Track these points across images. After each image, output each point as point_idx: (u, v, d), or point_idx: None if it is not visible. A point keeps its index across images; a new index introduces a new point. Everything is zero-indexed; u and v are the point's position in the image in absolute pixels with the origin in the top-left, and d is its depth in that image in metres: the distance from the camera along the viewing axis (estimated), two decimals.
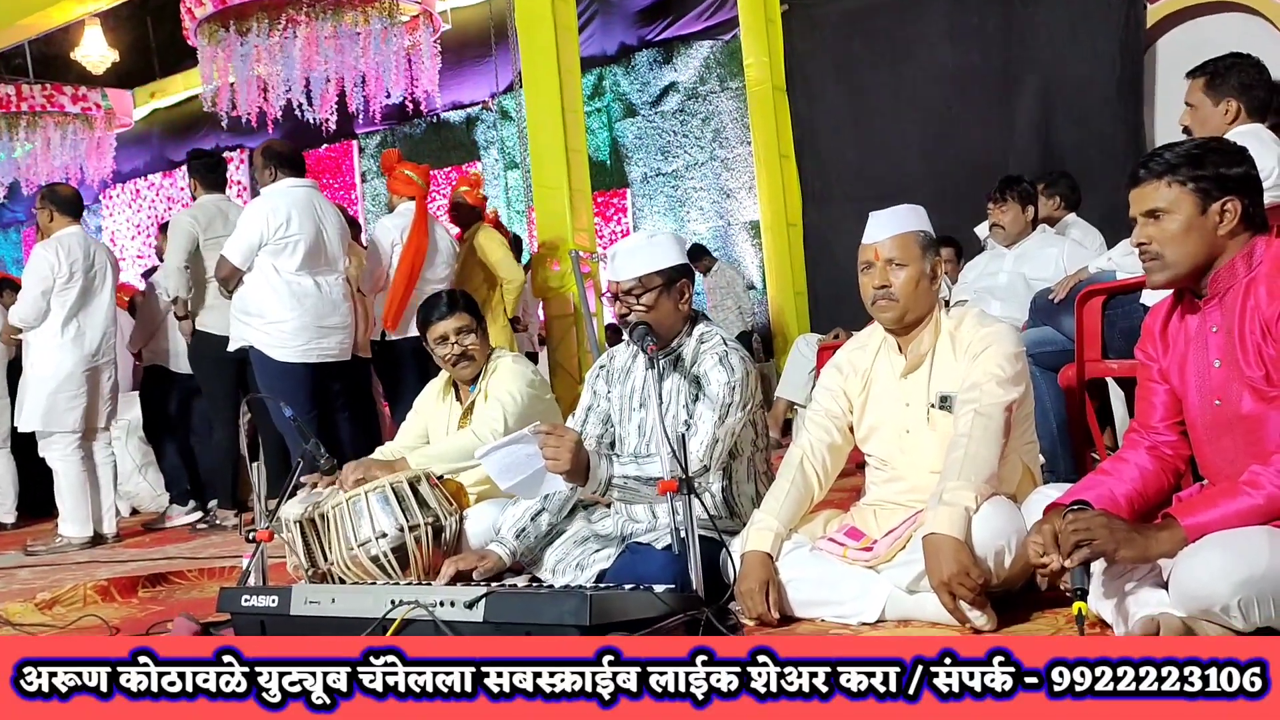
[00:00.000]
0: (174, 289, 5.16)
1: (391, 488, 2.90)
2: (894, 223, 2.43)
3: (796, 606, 2.33)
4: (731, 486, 2.71)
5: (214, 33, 7.69)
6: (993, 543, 2.12)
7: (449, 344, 3.21)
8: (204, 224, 5.13)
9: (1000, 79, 7.13)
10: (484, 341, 3.26)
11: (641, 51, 10.19)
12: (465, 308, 3.24)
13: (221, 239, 4.98)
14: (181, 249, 5.08)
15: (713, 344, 2.64)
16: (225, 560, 3.92)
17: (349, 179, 11.96)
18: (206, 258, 5.06)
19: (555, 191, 6.46)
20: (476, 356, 3.22)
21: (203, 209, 5.21)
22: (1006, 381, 2.28)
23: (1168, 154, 1.92)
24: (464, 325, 3.20)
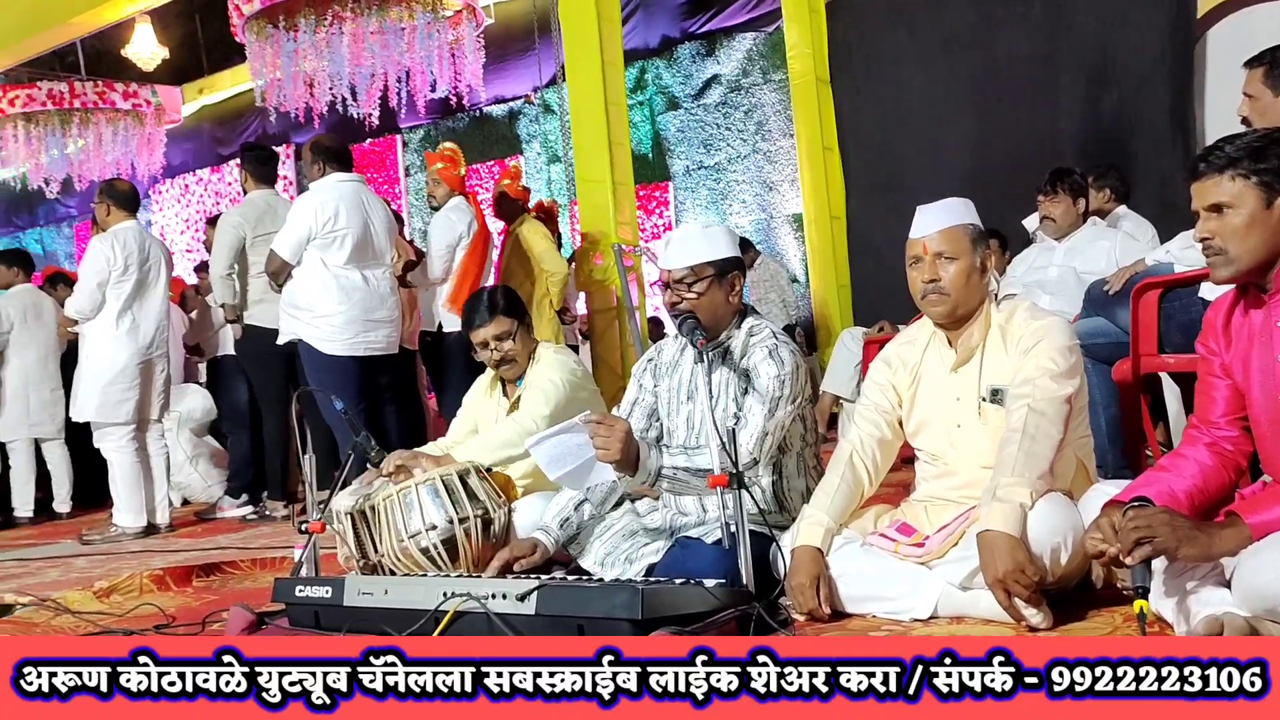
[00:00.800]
0: (220, 296, 5.24)
1: (441, 480, 2.92)
2: (943, 216, 2.40)
3: (848, 602, 2.32)
4: (781, 481, 2.70)
5: (261, 29, 7.76)
6: (1049, 540, 2.09)
7: (489, 349, 3.22)
8: (253, 221, 5.20)
9: (1047, 69, 7.02)
10: (525, 340, 3.24)
11: (684, 44, 10.16)
12: (505, 310, 3.21)
13: (271, 235, 5.04)
14: (226, 255, 5.15)
15: (762, 337, 2.63)
16: (276, 551, 3.97)
17: (393, 173, 12.04)
18: (255, 254, 5.13)
19: (598, 185, 6.46)
20: (517, 359, 3.22)
21: (252, 206, 5.29)
22: (1060, 375, 2.25)
23: (1229, 147, 1.89)
24: (503, 331, 3.19)
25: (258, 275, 5.13)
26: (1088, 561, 2.15)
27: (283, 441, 5.31)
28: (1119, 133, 6.65)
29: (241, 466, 5.73)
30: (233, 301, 5.20)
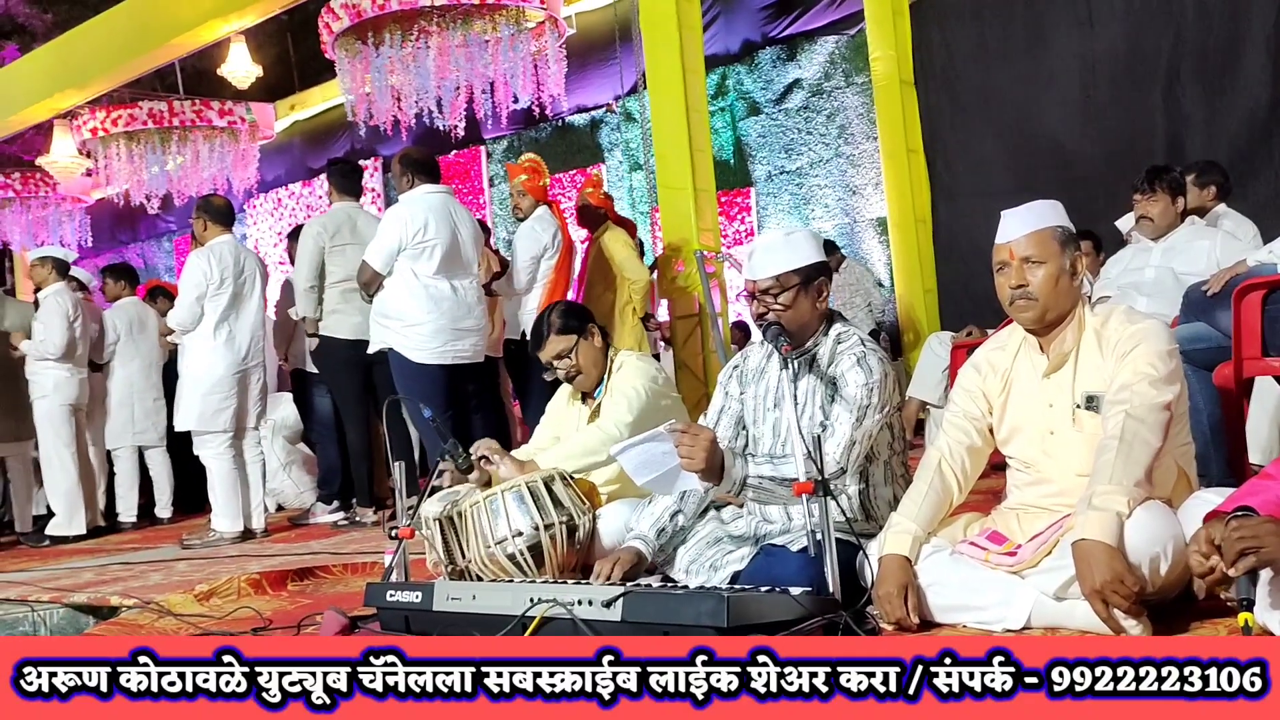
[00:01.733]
0: (303, 309, 5.37)
1: (527, 487, 2.95)
2: (1029, 219, 2.35)
3: (937, 611, 2.28)
4: (868, 490, 2.67)
5: (351, 45, 7.96)
6: (1147, 549, 2.03)
7: (553, 369, 3.26)
8: (331, 231, 5.32)
9: (1143, 63, 6.83)
10: (589, 352, 3.25)
11: (765, 49, 10.11)
12: (560, 330, 3.23)
13: (348, 246, 5.19)
14: (310, 268, 5.27)
15: (850, 344, 2.61)
16: (366, 556, 4.05)
17: (477, 184, 12.22)
18: (331, 264, 5.26)
19: (680, 192, 6.47)
20: (583, 370, 3.25)
21: (331, 217, 5.42)
22: (1160, 381, 2.19)
23: None
24: (561, 350, 3.22)
25: (331, 285, 5.26)
26: (1189, 572, 2.08)
27: (366, 449, 5.42)
28: (1217, 128, 6.43)
29: (330, 473, 5.86)
30: (314, 315, 5.33)
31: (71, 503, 5.94)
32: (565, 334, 3.24)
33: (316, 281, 5.30)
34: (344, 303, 5.22)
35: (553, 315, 3.30)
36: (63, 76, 9.78)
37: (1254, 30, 6.34)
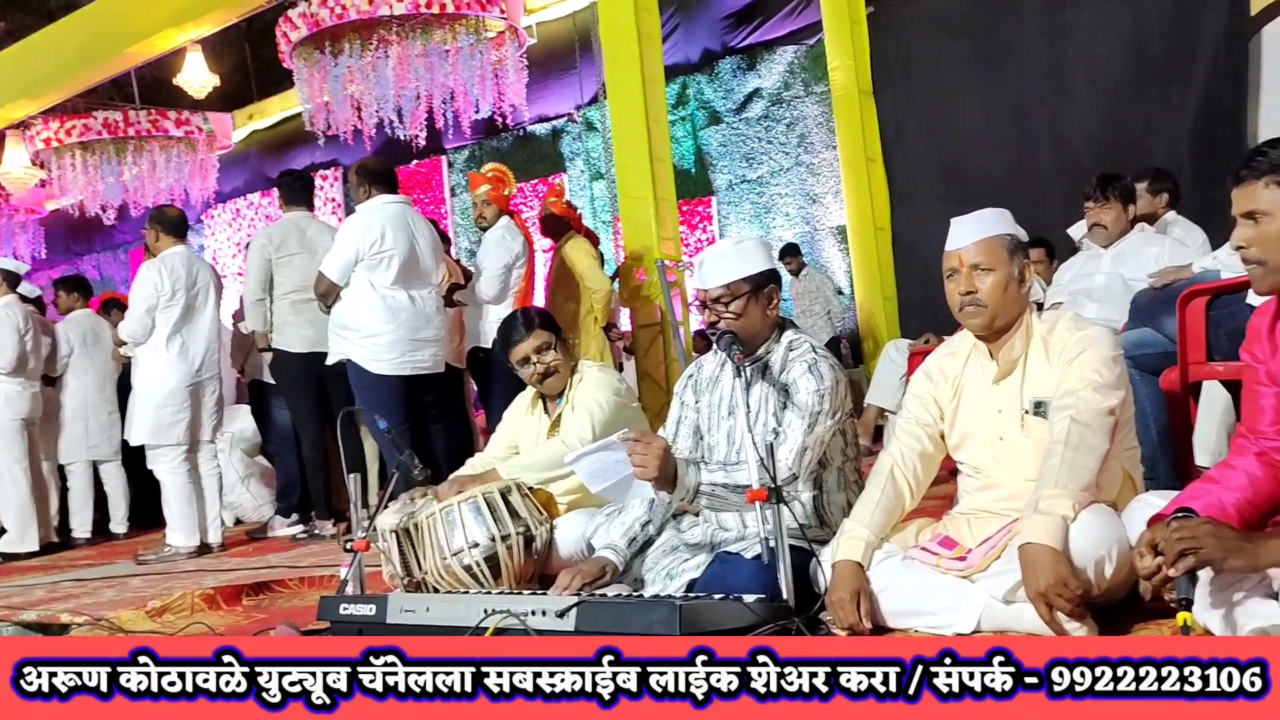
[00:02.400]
0: (251, 323, 5.33)
1: (483, 498, 2.95)
2: (978, 227, 2.38)
3: (889, 617, 2.29)
4: (822, 496, 2.68)
5: (309, 55, 7.94)
6: (1093, 552, 2.06)
7: (531, 364, 3.24)
8: (276, 243, 5.30)
9: (1094, 74, 6.95)
10: (566, 353, 3.28)
11: (725, 58, 10.18)
12: (542, 325, 3.25)
13: (295, 256, 5.16)
14: (257, 281, 5.25)
15: (801, 351, 2.63)
16: (324, 569, 4.02)
17: (439, 193, 12.19)
18: (278, 276, 5.23)
19: (641, 201, 6.49)
20: (560, 369, 3.25)
21: (278, 228, 5.40)
22: (1104, 386, 2.22)
23: (1272, 152, 1.86)
24: (542, 343, 3.22)
25: (280, 297, 5.23)
26: (1134, 574, 2.11)
27: (322, 461, 5.38)
28: (1169, 136, 6.55)
29: (288, 486, 5.81)
30: (263, 329, 5.29)
31: (24, 519, 5.85)
32: (546, 329, 3.26)
33: (265, 294, 5.26)
34: (294, 315, 5.19)
35: (531, 312, 3.34)
36: (15, 86, 9.65)
37: (1204, 41, 6.47)
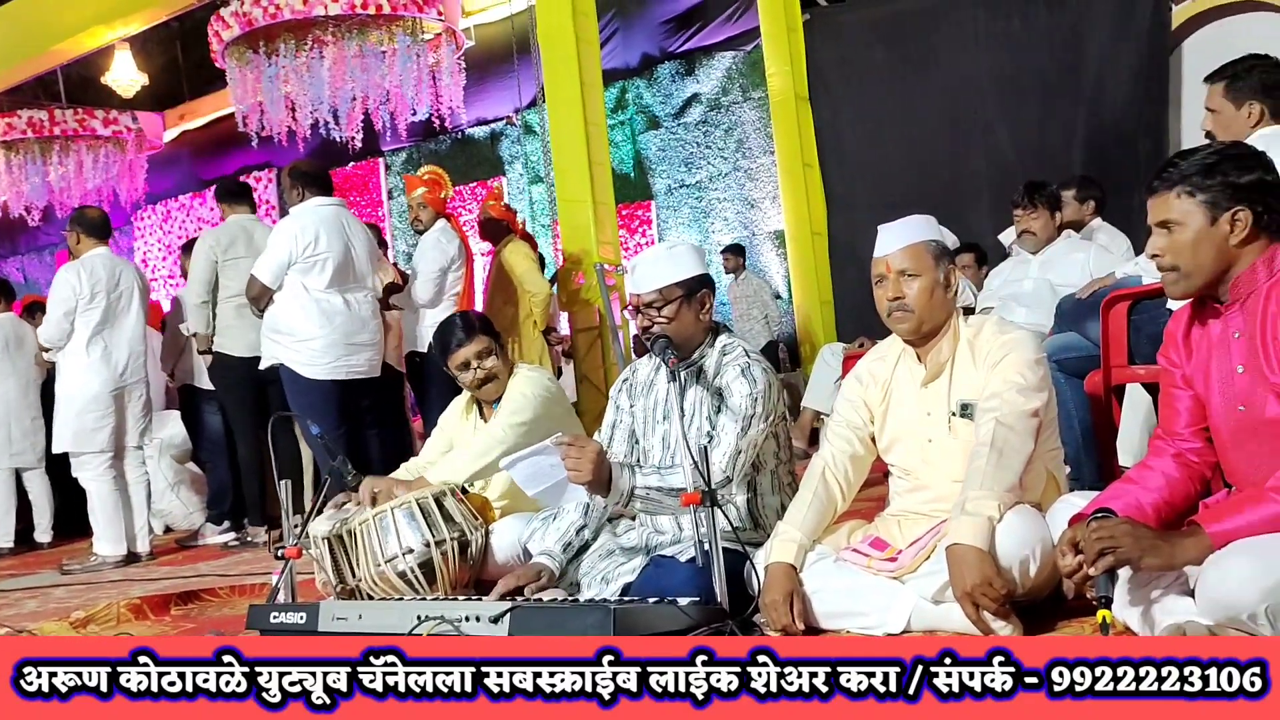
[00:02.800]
0: (194, 325, 5.24)
1: (417, 503, 2.92)
2: (904, 234, 2.42)
3: (821, 618, 2.32)
4: (756, 499, 2.71)
5: (242, 54, 7.80)
6: (1017, 552, 2.11)
7: (471, 369, 3.22)
8: (224, 244, 5.21)
9: (1025, 84, 7.11)
10: (505, 359, 3.27)
11: (664, 64, 10.22)
12: (483, 330, 3.24)
13: (242, 259, 5.07)
14: (202, 283, 5.16)
15: (735, 355, 2.65)
16: (256, 577, 3.95)
17: (376, 196, 12.07)
18: (224, 279, 5.14)
19: (579, 205, 6.49)
20: (499, 375, 3.23)
21: (225, 229, 5.31)
22: (1028, 389, 2.27)
23: (1183, 163, 1.92)
24: (483, 348, 3.21)
25: (225, 300, 5.14)
26: (1057, 573, 2.16)
27: (258, 467, 5.30)
28: (1096, 144, 6.72)
29: (220, 493, 5.70)
30: (206, 331, 5.20)
31: None
32: (487, 334, 3.24)
33: (209, 297, 5.17)
34: (238, 319, 5.10)
35: (472, 316, 3.32)
36: None
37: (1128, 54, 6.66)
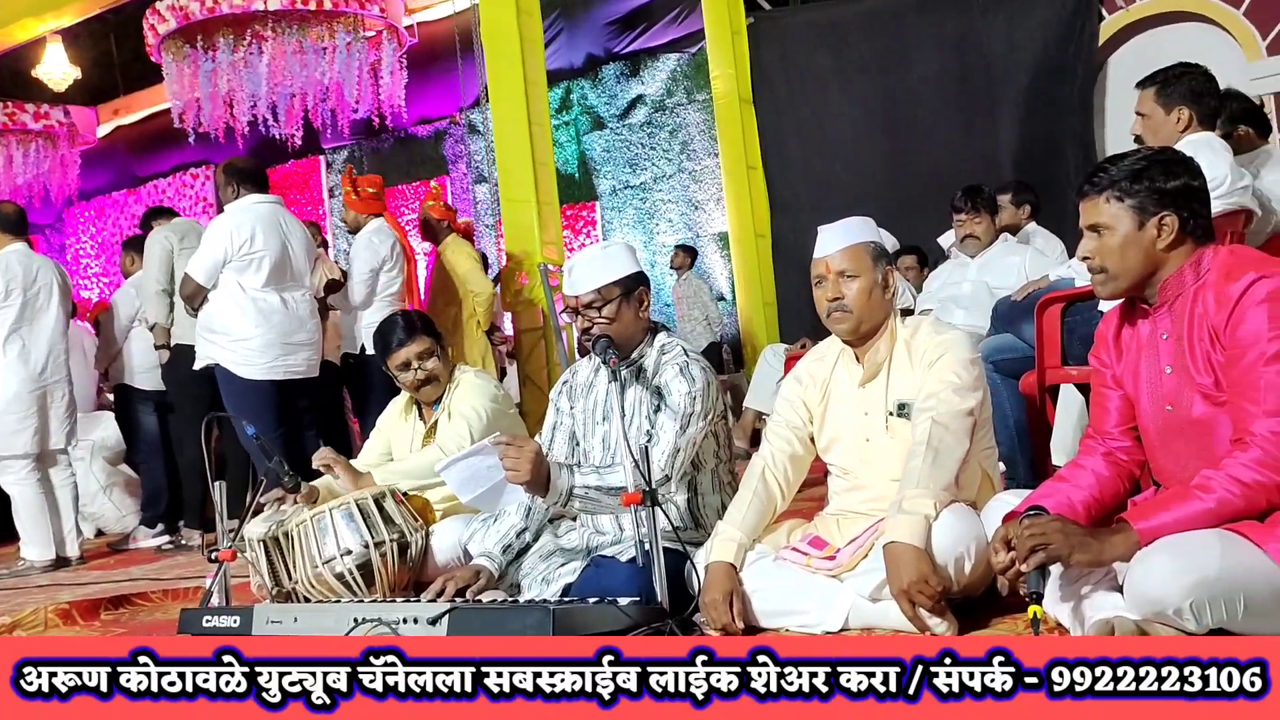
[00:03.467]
0: (153, 315, 5.12)
1: (356, 504, 2.89)
2: (843, 235, 2.45)
3: (761, 617, 2.33)
4: (696, 498, 2.71)
5: (178, 49, 7.67)
6: (953, 550, 2.13)
7: (412, 369, 3.18)
8: (180, 234, 5.16)
9: (962, 89, 7.23)
10: (446, 360, 3.24)
11: (608, 64, 10.22)
12: (424, 330, 3.20)
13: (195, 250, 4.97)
14: (161, 270, 5.06)
15: (674, 354, 2.65)
16: (190, 581, 3.88)
17: (316, 194, 11.91)
18: (179, 270, 5.04)
19: (523, 205, 6.45)
20: (440, 377, 3.20)
21: (177, 225, 5.26)
22: (963, 389, 2.30)
23: (1113, 168, 1.96)
24: (425, 349, 3.17)
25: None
26: (992, 570, 2.19)
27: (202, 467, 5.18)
28: (1029, 151, 6.85)
29: (155, 495, 5.58)
30: (165, 323, 5.08)
31: None
32: (429, 334, 3.20)
33: (168, 284, 5.07)
34: None
35: (414, 316, 3.27)
36: None
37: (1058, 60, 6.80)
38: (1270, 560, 1.71)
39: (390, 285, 5.31)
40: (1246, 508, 1.76)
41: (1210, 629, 1.72)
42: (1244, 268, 1.86)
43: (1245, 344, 1.81)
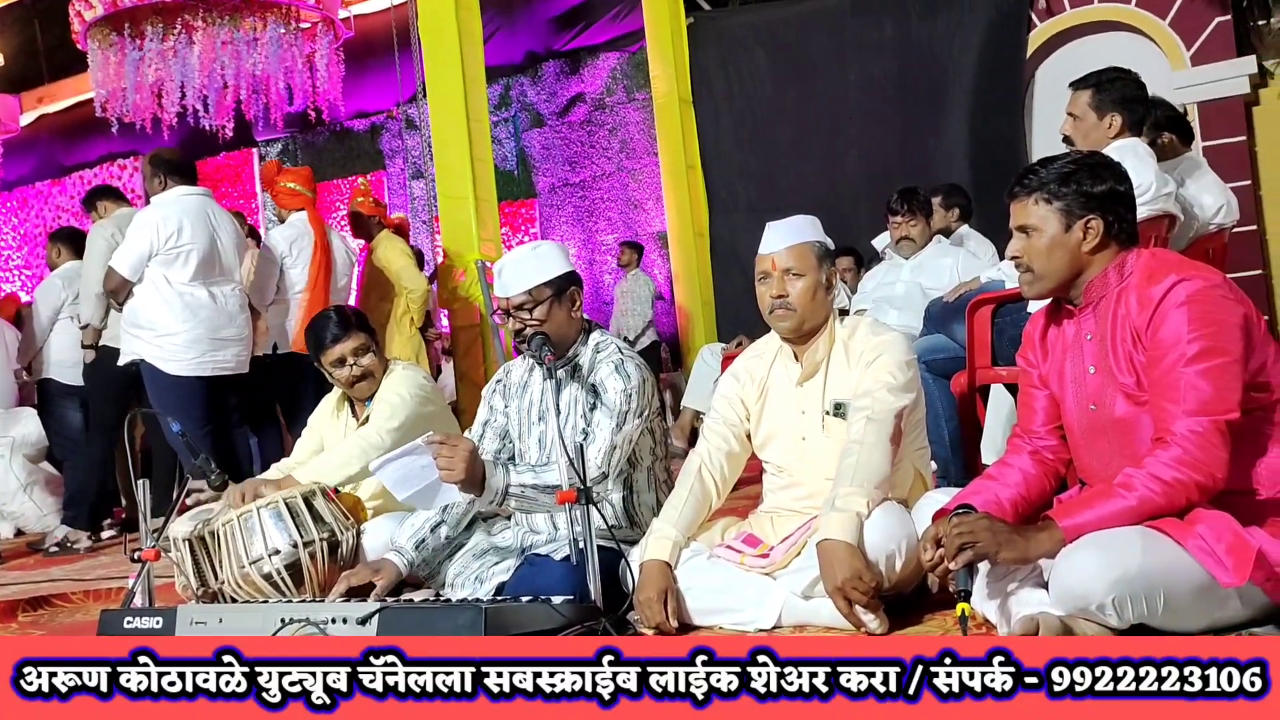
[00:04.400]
0: (88, 315, 4.96)
1: (285, 503, 2.83)
2: (790, 233, 2.46)
3: (695, 615, 2.33)
4: (632, 496, 2.71)
5: (105, 36, 7.46)
6: (884, 547, 2.15)
7: (347, 366, 3.13)
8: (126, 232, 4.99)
9: (897, 91, 7.33)
10: (380, 356, 3.19)
11: (549, 61, 10.17)
12: (358, 326, 3.15)
13: None
14: (102, 269, 4.90)
15: (609, 352, 2.64)
16: (113, 582, 3.77)
17: (249, 187, 11.69)
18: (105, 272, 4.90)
19: (460, 201, 6.38)
20: (375, 373, 3.15)
21: (124, 219, 5.07)
22: (898, 389, 2.33)
23: (1042, 171, 1.99)
24: (359, 345, 3.12)
25: None
26: (923, 567, 2.22)
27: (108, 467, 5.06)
28: (962, 154, 6.97)
29: (77, 494, 5.43)
30: (101, 325, 4.93)
31: None
32: (363, 330, 3.15)
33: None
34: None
35: (347, 312, 3.22)
36: None
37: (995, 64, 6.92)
38: (1189, 557, 1.75)
39: (299, 281, 5.17)
40: (1167, 505, 1.81)
41: (1132, 624, 1.76)
42: (1165, 271, 1.90)
43: (1166, 345, 1.86)
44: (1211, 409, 1.80)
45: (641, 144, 9.76)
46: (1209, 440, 1.80)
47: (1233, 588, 1.74)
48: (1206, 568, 1.74)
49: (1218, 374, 1.81)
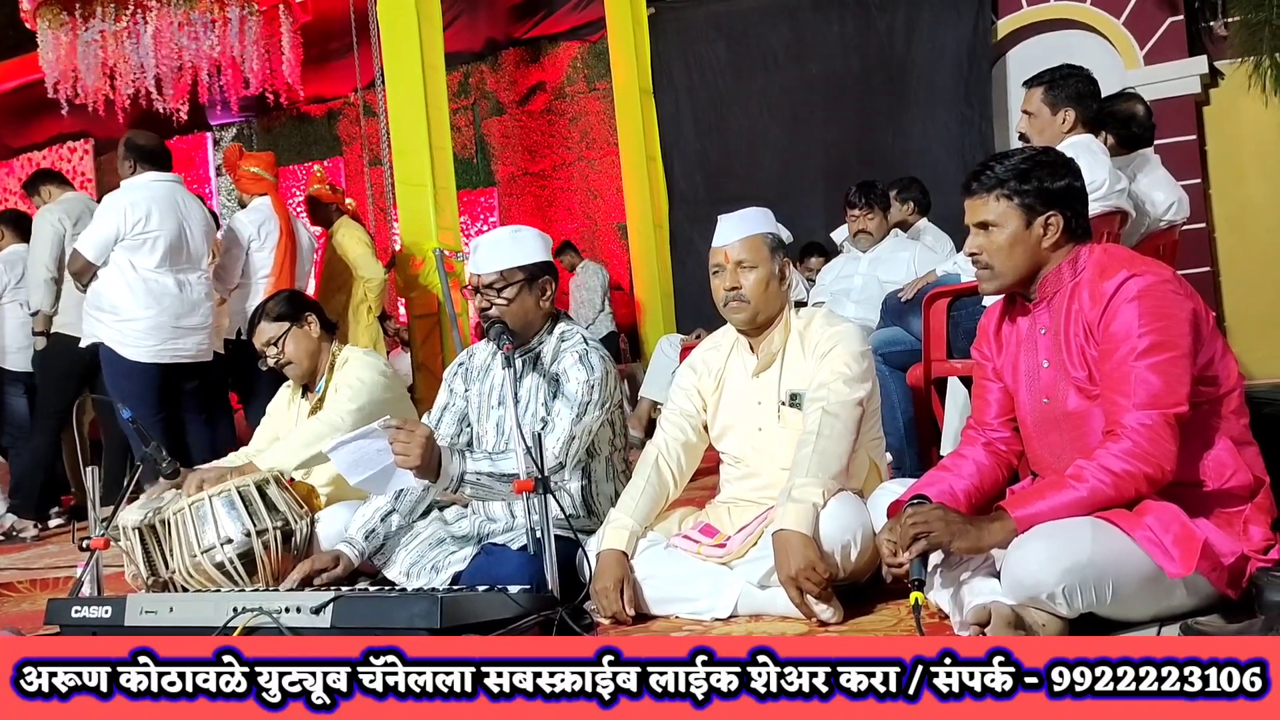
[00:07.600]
0: (38, 302, 4.87)
1: (238, 491, 2.80)
2: (743, 225, 2.47)
3: (651, 604, 2.34)
4: (590, 486, 2.70)
5: (55, 16, 7.30)
6: (839, 537, 2.17)
7: (265, 358, 3.18)
8: (73, 217, 4.91)
9: (858, 85, 7.37)
10: (304, 340, 3.17)
11: (509, 49, 10.10)
12: (275, 317, 3.17)
13: None
14: (50, 255, 4.81)
15: (573, 342, 2.64)
16: (61, 571, 3.71)
17: (203, 172, 11.50)
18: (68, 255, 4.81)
19: (419, 189, 6.34)
20: (294, 360, 3.16)
21: (70, 203, 4.99)
22: (853, 380, 2.35)
23: (998, 167, 2.01)
24: (270, 338, 3.16)
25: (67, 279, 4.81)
26: (878, 558, 2.24)
27: (50, 459, 4.98)
28: (923, 148, 7.02)
29: (22, 481, 5.33)
30: (50, 311, 4.84)
31: None
32: (278, 321, 3.16)
33: (56, 272, 4.83)
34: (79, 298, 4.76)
35: (269, 303, 3.25)
36: None
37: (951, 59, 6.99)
38: (1138, 547, 1.78)
39: (263, 266, 5.12)
40: (1117, 496, 1.84)
41: (1081, 613, 1.79)
42: (1117, 266, 1.93)
43: (1117, 339, 1.88)
44: (1161, 402, 1.84)
45: (602, 134, 9.72)
46: (1158, 433, 1.83)
47: (1179, 578, 1.77)
48: (1154, 558, 1.77)
49: (1167, 368, 1.85)
